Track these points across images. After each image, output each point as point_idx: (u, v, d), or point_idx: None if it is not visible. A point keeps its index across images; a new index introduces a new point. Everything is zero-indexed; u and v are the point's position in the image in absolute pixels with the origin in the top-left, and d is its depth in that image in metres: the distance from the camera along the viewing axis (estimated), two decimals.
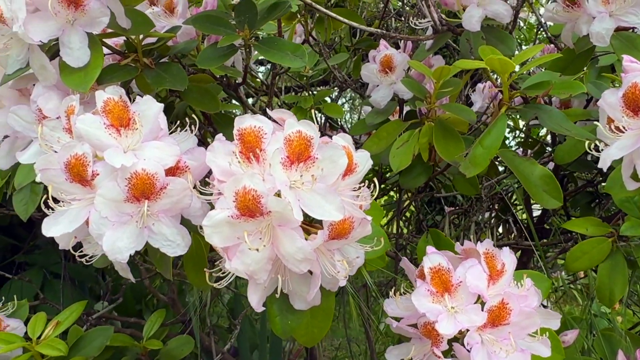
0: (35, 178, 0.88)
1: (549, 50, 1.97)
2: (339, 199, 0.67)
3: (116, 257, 0.72)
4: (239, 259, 0.68)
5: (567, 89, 0.82)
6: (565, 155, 1.13)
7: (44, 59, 0.82)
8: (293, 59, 0.85)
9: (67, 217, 0.73)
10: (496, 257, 0.77)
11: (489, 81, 1.65)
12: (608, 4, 0.91)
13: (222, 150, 0.69)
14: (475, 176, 1.06)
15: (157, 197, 0.72)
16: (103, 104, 0.73)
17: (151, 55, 0.94)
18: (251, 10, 0.88)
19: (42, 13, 0.80)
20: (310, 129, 0.68)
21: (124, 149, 0.74)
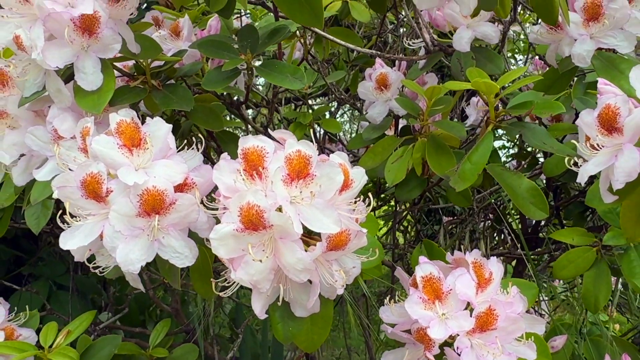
0: (50, 194, 0.94)
1: (540, 64, 2.03)
2: (336, 213, 0.72)
3: (129, 268, 0.77)
4: (243, 269, 0.73)
5: (548, 109, 0.87)
6: (554, 168, 1.18)
7: (59, 83, 0.88)
8: (292, 81, 0.91)
9: (82, 231, 0.78)
10: (484, 266, 0.82)
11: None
12: (588, 27, 0.97)
13: (228, 168, 0.74)
14: (468, 188, 1.12)
15: (166, 212, 0.78)
16: (116, 126, 0.79)
17: (159, 77, 1.00)
18: (253, 35, 0.93)
19: (58, 40, 0.85)
20: (309, 148, 0.73)
21: (135, 167, 0.79)
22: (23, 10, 0.84)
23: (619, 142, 0.71)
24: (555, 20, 0.91)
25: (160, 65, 1.01)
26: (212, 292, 0.95)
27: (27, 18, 0.85)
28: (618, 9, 0.95)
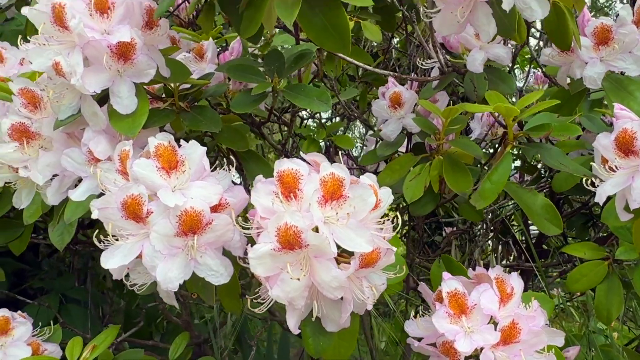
0: (82, 213, 0.97)
1: (540, 78, 2.07)
2: (368, 233, 0.76)
3: (168, 286, 0.80)
4: (279, 287, 0.77)
5: (566, 132, 0.91)
6: (563, 183, 1.22)
7: (95, 107, 0.91)
8: (319, 104, 0.94)
9: (121, 250, 0.81)
10: (506, 281, 0.86)
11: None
12: (599, 50, 1.02)
13: (264, 190, 0.78)
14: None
15: (203, 231, 0.81)
16: (155, 149, 0.82)
17: (186, 99, 1.04)
18: (279, 60, 0.97)
19: (94, 66, 0.89)
20: (342, 171, 0.77)
21: (172, 189, 0.82)
22: (61, 38, 0.88)
23: (635, 164, 0.76)
24: (569, 46, 0.95)
25: (187, 87, 1.04)
26: (239, 307, 0.99)
27: (65, 45, 0.88)
28: (627, 34, 1.00)
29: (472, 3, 0.88)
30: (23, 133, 0.99)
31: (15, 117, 1.00)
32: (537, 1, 0.87)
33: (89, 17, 0.87)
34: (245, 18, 0.88)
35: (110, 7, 0.88)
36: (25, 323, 1.17)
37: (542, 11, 0.88)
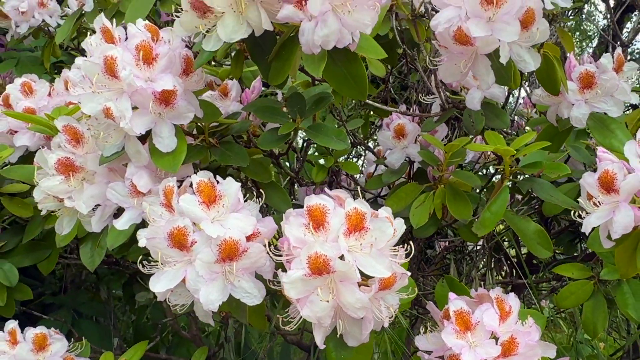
0: (123, 240, 1.08)
1: (528, 103, 2.22)
2: (387, 260, 0.87)
3: (209, 307, 0.91)
4: (309, 307, 0.88)
5: (556, 170, 1.04)
6: (552, 208, 1.35)
7: (139, 146, 1.02)
8: (337, 142, 1.06)
9: (167, 276, 0.92)
10: (505, 301, 0.97)
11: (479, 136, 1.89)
12: (584, 93, 1.15)
13: (296, 223, 0.89)
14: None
15: (239, 258, 0.92)
16: (197, 185, 0.93)
17: (214, 135, 1.15)
18: (301, 102, 1.09)
19: (140, 111, 1.00)
20: (364, 206, 0.88)
21: (211, 220, 0.93)
22: (111, 85, 0.98)
23: (615, 200, 0.88)
24: (558, 91, 1.08)
25: (215, 125, 1.15)
26: (266, 325, 1.10)
27: (113, 91, 0.99)
28: (608, 79, 1.13)
29: (473, 56, 1.01)
30: (68, 167, 1.09)
31: (61, 152, 1.10)
32: (530, 54, 1.00)
33: (135, 67, 0.98)
34: (273, 68, 1.00)
35: (155, 58, 0.99)
36: (61, 339, 1.27)
37: (535, 63, 1.00)
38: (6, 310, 1.48)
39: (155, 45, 0.99)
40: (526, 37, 0.98)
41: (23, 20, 2.05)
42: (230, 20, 0.93)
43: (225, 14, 0.93)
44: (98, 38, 1.01)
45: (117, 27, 1.02)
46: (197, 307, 0.98)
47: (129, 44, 0.99)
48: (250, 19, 0.94)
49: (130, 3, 1.53)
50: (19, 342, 1.22)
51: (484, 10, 0.96)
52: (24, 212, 1.43)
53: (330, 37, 0.89)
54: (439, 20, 1.00)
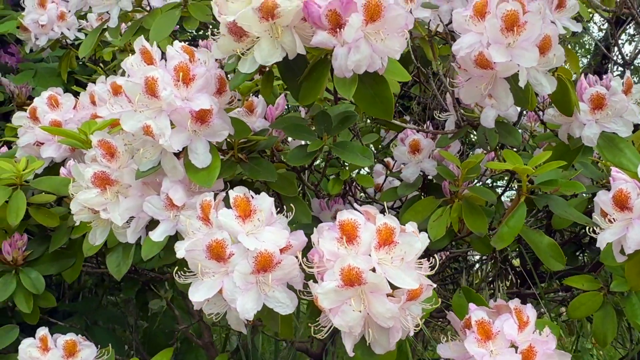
0: (157, 251, 1.13)
1: (533, 116, 2.29)
2: (415, 273, 0.92)
3: (245, 316, 0.96)
4: (340, 317, 0.93)
5: (572, 188, 1.10)
6: (562, 222, 1.41)
7: (175, 161, 1.07)
8: (362, 159, 1.12)
9: (205, 286, 0.97)
10: (523, 311, 1.03)
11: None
12: (594, 114, 1.21)
13: (328, 237, 0.94)
14: (488, 237, 1.34)
15: (273, 270, 0.97)
16: (233, 200, 0.98)
17: (243, 151, 1.20)
18: (327, 121, 1.15)
19: (177, 128, 1.05)
20: (393, 221, 0.93)
21: (247, 233, 0.98)
22: (150, 104, 1.03)
23: (629, 217, 0.94)
24: (572, 113, 1.14)
25: (244, 140, 1.21)
26: (292, 333, 1.15)
27: (153, 110, 1.04)
28: (618, 101, 1.19)
29: (493, 79, 1.07)
30: (104, 180, 1.14)
31: (97, 166, 1.15)
32: (546, 78, 1.06)
33: (173, 87, 1.03)
34: (304, 88, 1.05)
35: (192, 79, 1.04)
36: (90, 345, 1.31)
37: (551, 87, 1.06)
38: (31, 317, 1.52)
39: (192, 66, 1.05)
40: (543, 62, 1.04)
41: (42, 33, 2.10)
42: (266, 45, 0.99)
43: (262, 38, 0.99)
44: (137, 59, 1.06)
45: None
46: (230, 316, 1.03)
47: (168, 65, 1.04)
48: (284, 44, 0.99)
49: (153, 20, 1.59)
50: (50, 349, 1.26)
51: (505, 37, 1.02)
52: (50, 222, 1.47)
53: (362, 62, 0.94)
54: (461, 45, 1.06)
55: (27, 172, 1.39)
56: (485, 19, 1.03)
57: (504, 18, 1.01)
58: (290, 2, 0.95)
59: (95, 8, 1.66)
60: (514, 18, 1.01)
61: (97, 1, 1.64)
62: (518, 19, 1.01)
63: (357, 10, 0.93)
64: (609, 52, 2.40)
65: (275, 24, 0.98)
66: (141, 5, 1.69)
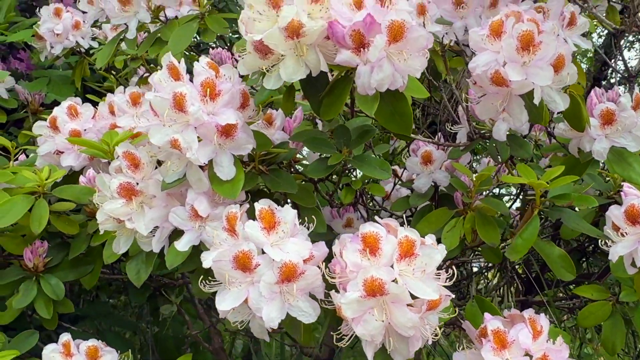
0: (181, 261, 1.16)
1: (538, 127, 2.32)
2: (435, 284, 0.96)
3: (269, 324, 0.99)
4: (362, 326, 0.96)
5: (585, 202, 1.14)
6: (570, 232, 1.44)
7: (201, 174, 1.11)
8: (381, 172, 1.15)
9: (231, 295, 1.00)
10: (537, 321, 1.06)
11: (490, 158, 1.99)
12: (604, 129, 1.25)
13: (352, 249, 0.97)
14: (499, 247, 1.37)
15: (297, 279, 1.00)
16: (259, 212, 1.02)
17: (264, 163, 1.23)
18: (347, 135, 1.18)
19: (203, 142, 1.08)
20: (414, 234, 0.97)
21: (271, 244, 1.02)
22: (178, 118, 1.07)
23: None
24: (584, 128, 1.18)
25: (264, 152, 1.24)
26: (313, 341, 1.18)
27: (179, 124, 1.07)
28: (627, 117, 1.23)
29: (508, 96, 1.11)
30: (129, 191, 1.17)
31: (122, 177, 1.18)
32: (560, 96, 1.10)
33: (200, 102, 1.07)
34: (325, 104, 1.09)
35: (218, 94, 1.08)
36: (112, 351, 1.34)
37: (564, 104, 1.10)
38: (50, 323, 1.55)
39: (218, 82, 1.08)
40: (557, 80, 1.08)
41: (57, 42, 2.14)
42: (290, 62, 1.02)
43: (287, 56, 1.02)
44: (165, 74, 1.10)
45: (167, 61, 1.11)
46: (254, 324, 1.06)
47: (195, 81, 1.08)
48: (309, 61, 1.03)
49: (171, 32, 1.63)
50: (73, 355, 1.29)
51: (520, 56, 1.06)
52: (70, 230, 1.51)
53: (385, 80, 0.98)
54: (477, 63, 1.10)
55: (49, 181, 1.42)
56: (502, 39, 1.07)
57: (520, 38, 1.05)
58: (315, 22, 0.99)
59: (113, 20, 1.69)
60: (530, 38, 1.05)
61: (116, 13, 1.67)
62: (533, 39, 1.05)
63: (381, 31, 0.97)
64: (609, 59, 2.45)
65: (300, 43, 1.01)
66: (158, 17, 1.72)
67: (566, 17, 1.30)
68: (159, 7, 1.72)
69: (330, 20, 1.00)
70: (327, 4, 1.01)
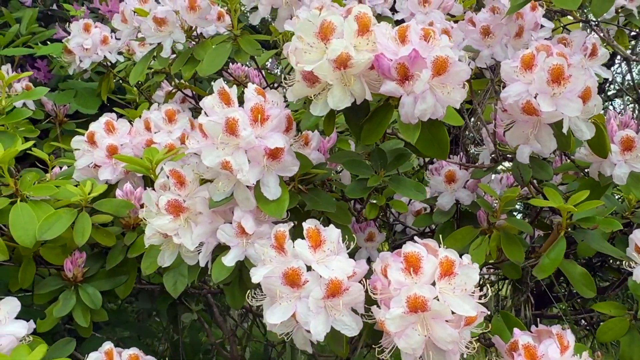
0: (227, 275, 1.22)
1: None
2: (473, 302, 1.03)
3: (317, 337, 1.05)
4: (404, 340, 1.03)
5: (609, 226, 1.21)
6: (587, 250, 1.52)
7: (248, 193, 1.17)
8: (416, 193, 1.23)
9: (280, 309, 1.07)
10: (563, 336, 1.13)
11: (506, 174, 2.06)
12: (624, 155, 1.32)
13: (395, 267, 1.04)
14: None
15: (341, 295, 1.06)
16: (306, 231, 1.08)
17: (303, 182, 1.30)
18: (383, 157, 1.25)
19: (252, 164, 1.15)
20: (454, 255, 1.04)
21: (317, 262, 1.08)
22: (228, 141, 1.13)
23: None
24: (607, 156, 1.26)
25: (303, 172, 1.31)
26: (347, 352, 1.24)
27: (230, 147, 1.14)
28: None
29: (537, 125, 1.18)
30: (177, 208, 1.24)
31: (170, 194, 1.25)
32: (586, 125, 1.17)
33: (249, 126, 1.14)
34: (365, 129, 1.16)
35: (266, 119, 1.15)
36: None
37: (590, 133, 1.18)
38: (85, 331, 1.61)
39: (267, 107, 1.15)
40: (584, 111, 1.15)
41: (86, 56, 2.20)
42: (337, 91, 1.09)
43: (334, 85, 1.10)
44: (216, 99, 1.16)
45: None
46: (298, 336, 1.12)
47: (245, 106, 1.15)
48: (354, 90, 1.10)
49: (204, 52, 1.70)
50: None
51: (551, 88, 1.13)
52: (107, 241, 1.57)
53: (428, 111, 1.05)
54: (509, 93, 1.17)
55: (92, 195, 1.48)
56: (533, 71, 1.14)
57: (551, 71, 1.13)
58: (362, 55, 1.06)
59: (149, 39, 1.76)
60: (560, 72, 1.12)
61: (151, 33, 1.74)
62: (563, 72, 1.12)
63: (424, 64, 1.04)
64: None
65: (346, 73, 1.09)
66: (191, 36, 1.79)
67: (588, 48, 1.37)
68: (191, 26, 1.79)
69: (375, 52, 1.07)
70: (373, 38, 1.08)
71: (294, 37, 1.12)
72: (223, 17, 2.01)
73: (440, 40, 1.04)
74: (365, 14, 1.07)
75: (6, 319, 1.24)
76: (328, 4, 1.19)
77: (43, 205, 1.46)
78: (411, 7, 1.86)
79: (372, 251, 1.81)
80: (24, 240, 1.38)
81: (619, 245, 1.42)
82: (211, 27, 1.97)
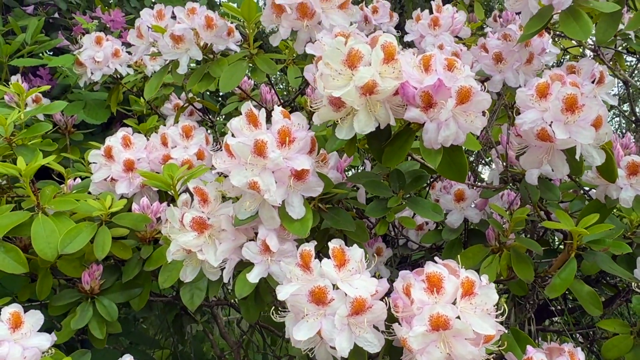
0: (250, 291, 1.26)
1: None
2: (493, 321, 1.07)
3: (341, 354, 1.09)
4: (426, 357, 1.07)
5: (619, 249, 1.27)
6: (590, 268, 1.58)
7: (273, 212, 1.21)
8: (434, 214, 1.27)
9: (306, 326, 1.10)
10: (575, 354, 1.18)
11: (506, 190, 2.12)
12: (630, 179, 1.39)
13: (417, 287, 1.09)
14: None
15: (365, 313, 1.11)
16: (331, 251, 1.12)
17: (322, 201, 1.35)
18: (402, 179, 1.30)
19: (278, 184, 1.19)
20: (474, 275, 1.09)
21: (340, 280, 1.12)
22: (256, 162, 1.17)
23: None
24: (615, 180, 1.31)
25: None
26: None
27: (257, 168, 1.18)
28: None
29: (551, 150, 1.23)
30: (201, 225, 1.27)
31: (195, 211, 1.28)
32: (597, 152, 1.23)
33: (277, 148, 1.18)
34: (387, 152, 1.21)
35: (292, 141, 1.19)
36: None
37: (600, 159, 1.23)
38: (99, 343, 1.63)
39: (293, 130, 1.19)
40: (596, 138, 1.21)
41: (97, 69, 2.23)
42: (363, 116, 1.14)
43: (360, 111, 1.14)
44: (243, 121, 1.20)
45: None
46: (320, 351, 1.16)
47: (272, 129, 1.19)
48: (379, 116, 1.15)
49: (220, 69, 1.74)
50: None
51: (565, 116, 1.19)
52: (124, 254, 1.60)
53: (450, 137, 1.10)
54: (525, 120, 1.22)
55: (112, 209, 1.51)
56: (548, 100, 1.20)
57: (565, 100, 1.18)
58: (388, 83, 1.11)
59: (165, 55, 1.79)
60: (574, 101, 1.18)
61: (168, 49, 1.78)
62: (577, 101, 1.18)
63: (447, 93, 1.09)
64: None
65: (371, 99, 1.13)
66: (207, 54, 1.83)
67: (596, 76, 1.44)
68: (206, 43, 1.83)
69: (400, 79, 1.12)
70: (398, 66, 1.13)
71: (320, 63, 1.16)
72: (233, 32, 2.05)
73: (463, 70, 1.09)
74: (391, 43, 1.12)
75: (30, 331, 1.26)
76: (355, 32, 1.24)
77: (63, 219, 1.49)
78: (421, 29, 1.93)
79: (379, 266, 1.85)
80: (46, 253, 1.40)
81: (621, 264, 1.48)
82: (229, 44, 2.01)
